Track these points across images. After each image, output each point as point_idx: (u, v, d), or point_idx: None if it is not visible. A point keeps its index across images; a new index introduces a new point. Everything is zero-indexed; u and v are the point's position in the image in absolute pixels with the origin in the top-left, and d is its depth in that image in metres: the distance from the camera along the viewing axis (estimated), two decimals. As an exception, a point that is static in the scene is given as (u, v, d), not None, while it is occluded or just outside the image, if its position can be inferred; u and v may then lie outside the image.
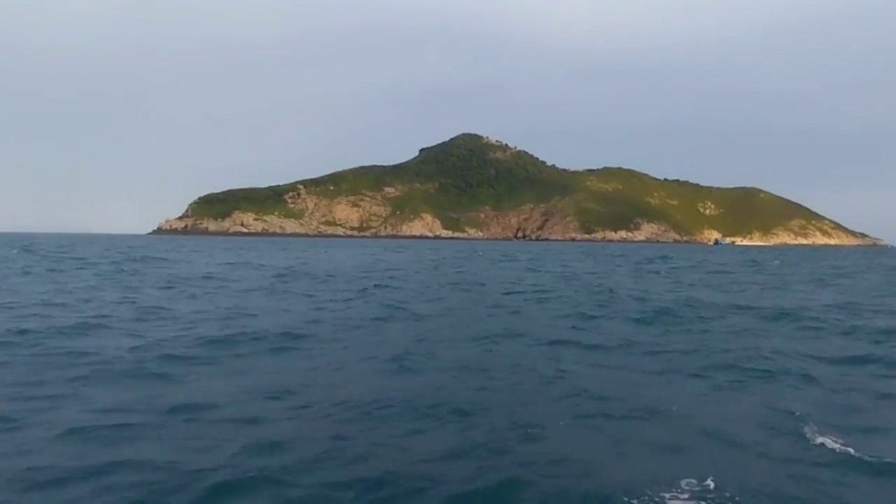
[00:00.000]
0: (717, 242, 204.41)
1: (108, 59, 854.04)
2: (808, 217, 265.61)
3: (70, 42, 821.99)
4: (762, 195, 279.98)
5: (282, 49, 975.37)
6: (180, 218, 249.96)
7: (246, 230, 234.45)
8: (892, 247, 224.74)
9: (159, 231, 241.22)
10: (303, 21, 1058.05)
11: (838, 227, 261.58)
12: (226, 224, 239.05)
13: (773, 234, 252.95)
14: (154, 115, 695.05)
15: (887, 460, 4.89)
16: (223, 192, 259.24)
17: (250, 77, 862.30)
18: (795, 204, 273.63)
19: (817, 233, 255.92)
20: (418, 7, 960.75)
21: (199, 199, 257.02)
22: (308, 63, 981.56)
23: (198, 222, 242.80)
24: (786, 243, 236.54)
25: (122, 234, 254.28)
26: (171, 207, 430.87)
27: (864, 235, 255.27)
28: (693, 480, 4.42)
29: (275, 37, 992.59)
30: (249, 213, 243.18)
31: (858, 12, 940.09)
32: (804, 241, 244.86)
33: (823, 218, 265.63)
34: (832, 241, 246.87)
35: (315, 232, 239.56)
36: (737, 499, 4.17)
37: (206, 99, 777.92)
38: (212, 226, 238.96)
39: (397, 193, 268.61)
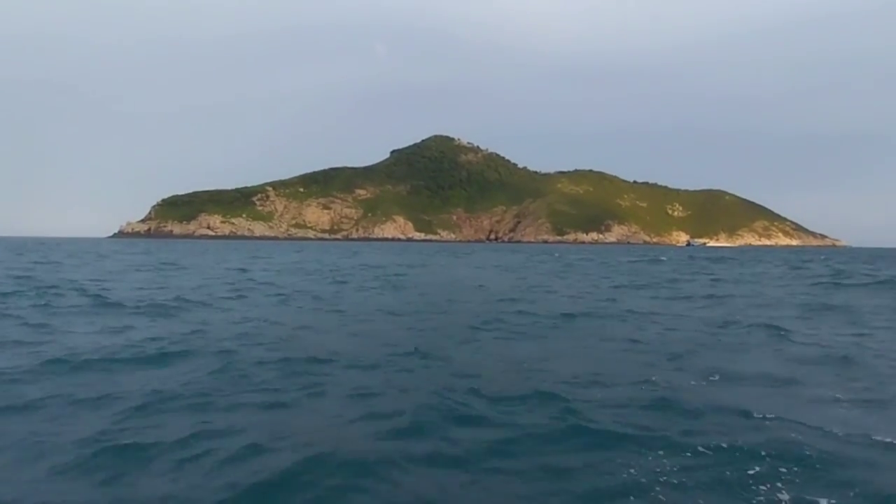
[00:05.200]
0: (688, 244, 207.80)
1: (61, 48, 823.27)
2: (771, 219, 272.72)
3: (20, 25, 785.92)
4: (727, 197, 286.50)
5: (247, 45, 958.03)
6: (143, 220, 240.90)
7: (213, 233, 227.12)
8: (849, 247, 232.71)
9: (121, 234, 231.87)
10: (270, 17, 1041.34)
11: (799, 228, 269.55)
12: (191, 227, 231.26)
13: (738, 235, 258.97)
14: (116, 113, 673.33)
15: None
16: (188, 194, 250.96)
17: (217, 75, 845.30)
18: (758, 206, 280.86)
19: (780, 234, 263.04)
20: (389, 7, 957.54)
21: (163, 200, 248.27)
22: (275, 61, 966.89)
23: (161, 225, 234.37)
24: (750, 244, 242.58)
25: (78, 238, 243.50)
26: (133, 210, 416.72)
27: (823, 236, 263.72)
28: None
29: (240, 32, 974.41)
30: (216, 216, 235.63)
31: (821, 19, 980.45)
32: (767, 242, 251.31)
33: (785, 220, 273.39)
34: (793, 242, 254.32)
35: (285, 235, 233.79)
36: None
37: (169, 97, 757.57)
38: (176, 228, 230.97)
39: (368, 195, 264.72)
